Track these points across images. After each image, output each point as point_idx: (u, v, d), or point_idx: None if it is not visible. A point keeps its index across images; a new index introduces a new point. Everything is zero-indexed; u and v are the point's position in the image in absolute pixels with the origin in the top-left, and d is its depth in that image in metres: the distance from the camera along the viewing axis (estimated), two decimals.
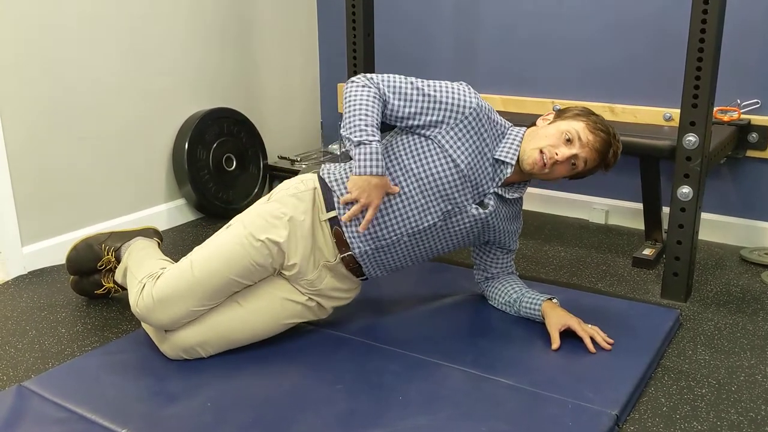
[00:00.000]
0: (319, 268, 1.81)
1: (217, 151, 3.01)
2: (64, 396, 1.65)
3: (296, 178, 1.88)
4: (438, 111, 1.77)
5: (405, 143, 1.80)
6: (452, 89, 1.79)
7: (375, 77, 1.77)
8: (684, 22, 2.51)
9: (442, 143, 1.77)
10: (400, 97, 1.76)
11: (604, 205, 2.96)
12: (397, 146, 1.81)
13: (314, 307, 1.86)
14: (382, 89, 1.75)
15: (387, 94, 1.76)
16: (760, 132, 2.53)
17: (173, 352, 1.78)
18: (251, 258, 1.74)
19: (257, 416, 1.57)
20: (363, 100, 1.72)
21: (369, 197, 1.71)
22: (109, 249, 2.10)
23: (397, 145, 1.81)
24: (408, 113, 1.77)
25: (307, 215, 1.79)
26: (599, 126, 1.81)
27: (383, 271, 1.89)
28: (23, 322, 2.09)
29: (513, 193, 1.89)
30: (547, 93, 2.96)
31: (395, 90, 1.76)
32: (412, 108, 1.77)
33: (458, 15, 3.10)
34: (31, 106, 2.40)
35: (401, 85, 1.77)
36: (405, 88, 1.77)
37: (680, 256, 2.17)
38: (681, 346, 1.93)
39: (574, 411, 1.57)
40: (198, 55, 2.98)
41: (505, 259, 2.06)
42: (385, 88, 1.76)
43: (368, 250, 1.81)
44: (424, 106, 1.77)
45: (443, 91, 1.78)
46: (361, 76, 1.77)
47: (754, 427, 1.58)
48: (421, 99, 1.77)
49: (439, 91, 1.78)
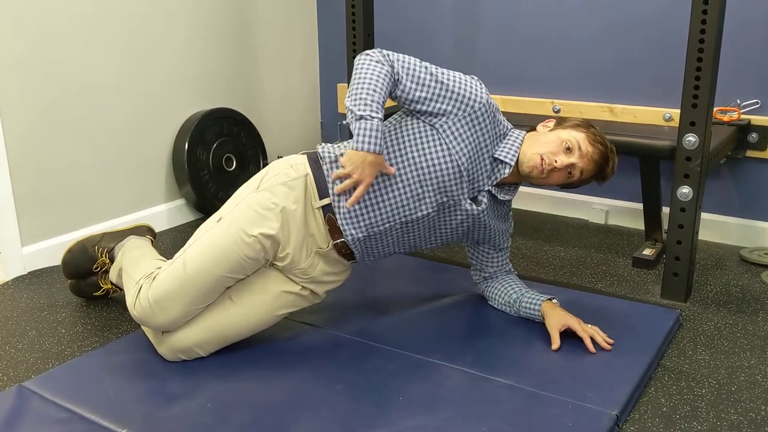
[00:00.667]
0: (311, 255, 1.81)
1: (217, 151, 3.01)
2: (65, 396, 1.65)
3: (286, 162, 1.84)
4: (448, 100, 1.76)
5: (409, 129, 1.80)
6: (466, 81, 1.79)
7: (391, 55, 1.75)
8: (684, 22, 2.51)
9: (446, 134, 1.77)
10: (414, 79, 1.75)
11: (604, 205, 2.96)
12: (401, 131, 1.80)
13: (308, 295, 1.87)
14: (396, 68, 1.74)
15: (400, 74, 1.74)
16: (760, 132, 2.53)
17: (172, 354, 1.78)
18: (243, 254, 1.73)
19: (257, 416, 1.57)
20: (374, 75, 1.70)
21: (362, 174, 1.68)
22: (102, 250, 2.10)
23: (401, 129, 1.80)
24: (418, 97, 1.76)
25: (299, 203, 1.78)
26: (598, 139, 1.84)
27: (373, 258, 1.90)
28: (23, 323, 2.09)
29: (505, 194, 1.90)
30: (547, 93, 2.96)
31: (409, 71, 1.75)
32: (423, 92, 1.76)
33: (458, 15, 3.10)
34: (31, 106, 2.40)
35: (416, 67, 1.76)
36: (420, 71, 1.76)
37: (680, 256, 2.17)
38: (681, 347, 1.94)
39: (574, 411, 1.57)
40: (198, 55, 2.98)
41: (499, 257, 2.06)
42: (399, 67, 1.74)
43: (361, 237, 1.81)
44: (435, 93, 1.76)
45: (457, 82, 1.78)
46: (377, 51, 1.74)
47: (754, 427, 1.58)
48: (434, 85, 1.76)
49: (453, 80, 1.78)
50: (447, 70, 1.80)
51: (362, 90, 1.68)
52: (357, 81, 1.70)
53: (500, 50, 3.04)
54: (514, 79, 3.03)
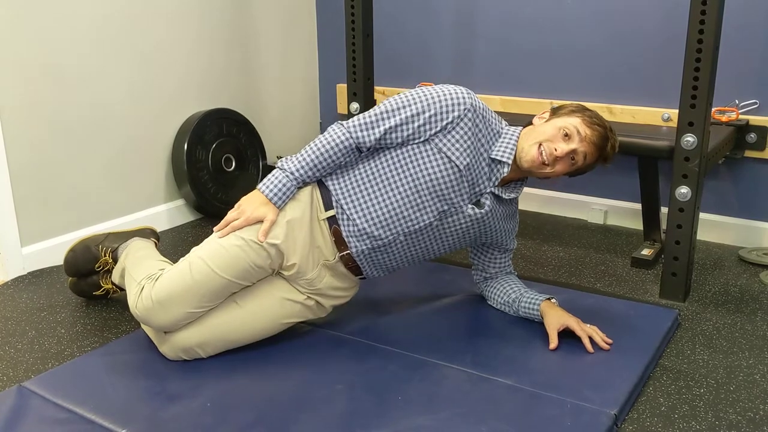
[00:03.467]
0: (318, 267, 1.82)
1: (217, 151, 3.01)
2: (64, 396, 1.65)
3: None
4: (431, 124, 1.75)
5: (402, 149, 1.79)
6: (440, 94, 1.77)
7: (352, 124, 1.78)
8: (683, 23, 2.51)
9: (439, 146, 1.76)
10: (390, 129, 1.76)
11: (603, 205, 2.97)
12: (395, 149, 1.80)
13: (313, 306, 1.86)
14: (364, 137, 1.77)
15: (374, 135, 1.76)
16: (759, 132, 2.54)
17: (173, 353, 1.78)
18: (250, 260, 1.74)
19: (257, 417, 1.57)
20: (323, 144, 1.77)
21: (244, 212, 1.76)
22: (106, 250, 2.10)
23: (393, 150, 1.80)
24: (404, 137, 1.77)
25: (305, 215, 1.79)
26: (595, 120, 1.82)
27: (381, 272, 1.89)
28: (23, 323, 2.09)
29: (510, 193, 1.89)
30: (546, 94, 2.96)
31: (368, 119, 1.77)
32: (406, 132, 1.76)
33: (458, 15, 3.11)
34: (30, 106, 2.40)
35: (374, 113, 1.78)
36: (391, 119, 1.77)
37: (679, 256, 2.17)
38: (680, 346, 1.94)
39: (573, 411, 1.57)
40: (197, 56, 2.98)
41: (502, 258, 2.06)
42: (367, 132, 1.77)
43: (365, 249, 1.81)
44: (416, 126, 1.76)
45: (430, 102, 1.76)
46: (338, 126, 1.78)
47: (753, 426, 1.58)
48: (410, 121, 1.76)
49: (425, 102, 1.76)
50: (416, 94, 1.78)
51: (304, 151, 1.78)
52: (307, 146, 1.78)
53: (499, 50, 3.04)
54: (513, 80, 3.03)
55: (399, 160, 1.79)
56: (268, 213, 1.75)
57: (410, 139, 1.77)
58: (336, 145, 1.76)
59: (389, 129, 1.76)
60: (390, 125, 1.76)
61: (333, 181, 1.82)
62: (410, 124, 1.76)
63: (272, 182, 1.76)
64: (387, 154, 1.80)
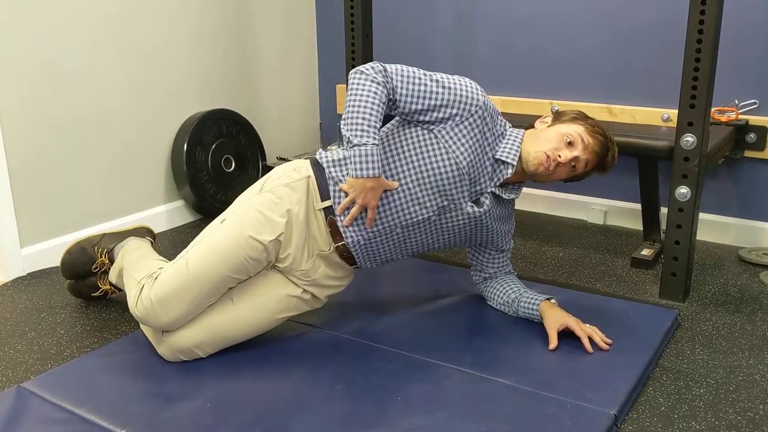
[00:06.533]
0: (312, 257, 1.82)
1: (216, 152, 3.01)
2: (64, 397, 1.65)
3: (289, 166, 1.86)
4: (447, 108, 1.76)
5: (408, 135, 1.80)
6: (463, 85, 1.78)
7: (387, 69, 1.74)
8: (682, 23, 2.51)
9: (445, 139, 1.77)
10: (411, 92, 1.75)
11: (603, 205, 2.96)
12: (400, 137, 1.80)
13: (309, 299, 1.87)
14: (393, 83, 1.73)
15: (398, 89, 1.74)
16: (758, 132, 2.54)
17: (171, 354, 1.78)
18: (246, 254, 1.74)
19: (257, 417, 1.57)
20: (368, 96, 1.70)
21: (365, 198, 1.73)
22: (102, 251, 2.10)
23: (400, 135, 1.81)
24: (417, 109, 1.76)
25: (301, 205, 1.79)
26: (597, 130, 1.86)
27: (374, 263, 1.90)
28: (22, 324, 2.09)
29: (509, 193, 1.90)
30: (546, 94, 2.96)
31: (407, 84, 1.74)
32: (421, 105, 1.76)
33: (457, 16, 3.11)
34: (30, 106, 2.40)
35: (413, 79, 1.75)
36: (417, 82, 1.75)
37: (678, 256, 2.17)
38: (679, 346, 1.94)
39: (572, 411, 1.57)
40: (197, 56, 2.98)
41: (500, 258, 2.06)
42: (396, 82, 1.74)
43: (361, 240, 1.81)
44: (434, 103, 1.76)
45: (455, 88, 1.77)
46: (371, 66, 1.73)
47: (752, 426, 1.58)
48: (432, 96, 1.75)
49: (450, 87, 1.77)
50: (443, 76, 1.79)
51: (356, 114, 1.70)
52: (350, 103, 1.71)
53: (499, 51, 3.04)
54: (513, 80, 3.03)
55: (404, 151, 1.79)
56: (371, 200, 1.74)
57: (424, 121, 1.78)
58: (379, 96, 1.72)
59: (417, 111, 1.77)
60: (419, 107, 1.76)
61: (333, 169, 1.81)
62: (432, 112, 1.77)
63: (360, 162, 1.70)
64: (392, 144, 1.80)
